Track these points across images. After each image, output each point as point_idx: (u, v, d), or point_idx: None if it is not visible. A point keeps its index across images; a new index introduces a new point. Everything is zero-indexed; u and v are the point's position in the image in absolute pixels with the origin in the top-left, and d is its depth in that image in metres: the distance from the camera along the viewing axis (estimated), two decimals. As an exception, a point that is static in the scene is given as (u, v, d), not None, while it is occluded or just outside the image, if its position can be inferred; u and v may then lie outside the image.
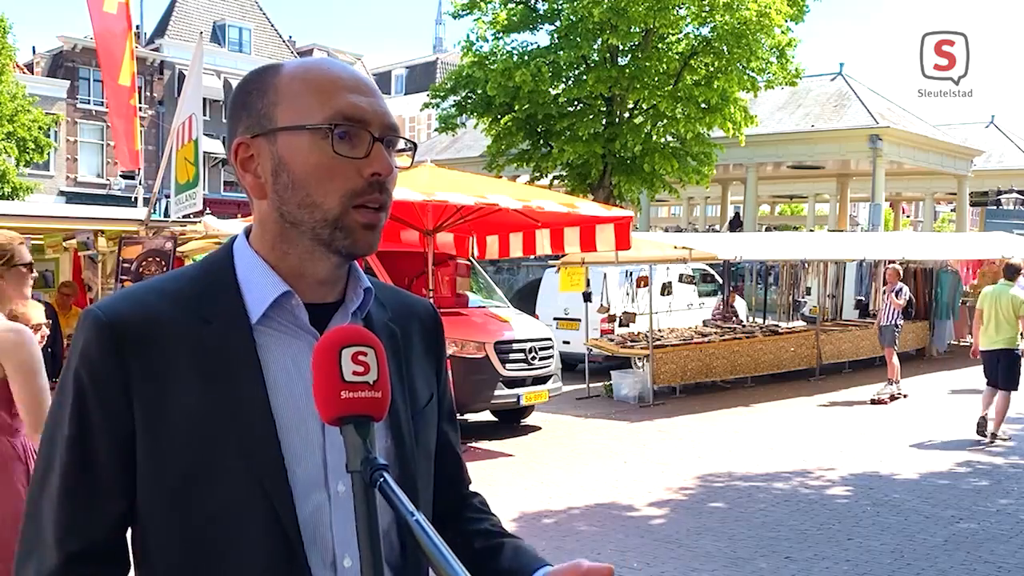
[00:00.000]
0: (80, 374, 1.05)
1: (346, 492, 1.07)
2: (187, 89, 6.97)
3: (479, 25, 20.18)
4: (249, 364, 1.06)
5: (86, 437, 1.05)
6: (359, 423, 0.93)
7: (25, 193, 26.26)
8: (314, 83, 1.09)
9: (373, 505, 0.90)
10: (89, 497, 1.05)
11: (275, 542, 1.04)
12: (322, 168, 1.06)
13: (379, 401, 0.94)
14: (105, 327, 1.05)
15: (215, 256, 1.16)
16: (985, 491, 7.07)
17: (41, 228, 7.82)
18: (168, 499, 1.05)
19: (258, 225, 1.13)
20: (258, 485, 1.04)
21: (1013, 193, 26.32)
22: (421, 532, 0.88)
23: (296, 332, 1.11)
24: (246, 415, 1.05)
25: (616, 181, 20.22)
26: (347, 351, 0.94)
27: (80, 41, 34.30)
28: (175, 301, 1.08)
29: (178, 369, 1.05)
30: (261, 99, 1.10)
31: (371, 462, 0.91)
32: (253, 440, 1.04)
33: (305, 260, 1.11)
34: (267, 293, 1.09)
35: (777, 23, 18.65)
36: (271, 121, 1.09)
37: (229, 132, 1.14)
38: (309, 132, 1.07)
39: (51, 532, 1.04)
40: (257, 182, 1.10)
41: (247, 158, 1.11)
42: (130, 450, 1.05)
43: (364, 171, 1.07)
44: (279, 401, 1.07)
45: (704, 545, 5.73)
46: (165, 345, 1.05)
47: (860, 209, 40.62)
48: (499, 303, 10.86)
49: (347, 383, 0.93)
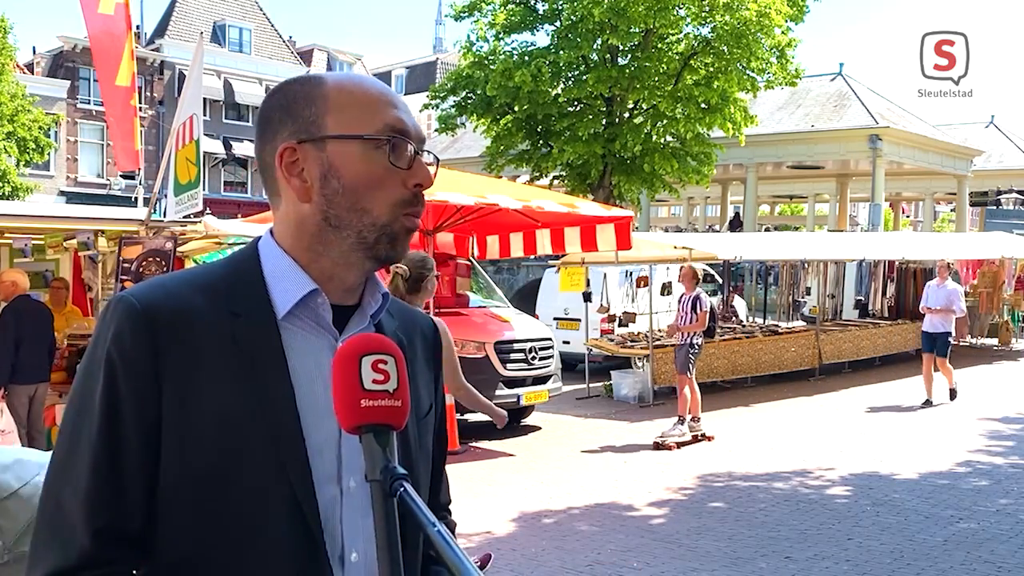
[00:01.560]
0: (112, 358, 1.06)
1: (357, 488, 1.10)
2: (187, 89, 6.97)
3: (479, 25, 20.19)
4: (276, 358, 1.09)
5: (116, 420, 1.06)
6: (378, 432, 0.94)
7: (25, 193, 26.25)
8: (363, 96, 1.14)
9: (392, 514, 0.91)
10: (118, 479, 1.06)
11: (297, 532, 1.06)
12: (374, 177, 1.12)
13: (399, 410, 0.96)
14: (140, 314, 1.07)
15: (242, 253, 1.19)
16: (985, 491, 7.07)
17: (41, 228, 7.81)
18: (192, 487, 1.06)
19: (294, 226, 1.15)
20: (284, 475, 1.06)
21: (1013, 193, 26.34)
22: (443, 542, 0.88)
23: (318, 331, 1.14)
24: (274, 407, 1.07)
25: (616, 181, 20.23)
26: (367, 359, 0.95)
27: (80, 41, 34.25)
28: (206, 293, 1.11)
29: (208, 360, 1.07)
30: (309, 107, 1.14)
31: (391, 471, 0.92)
32: (281, 431, 1.07)
33: (339, 264, 1.15)
34: (295, 290, 1.12)
35: (777, 23, 18.66)
36: (320, 129, 1.12)
37: (266, 136, 1.16)
38: (363, 142, 1.12)
39: (78, 514, 1.05)
40: (304, 186, 1.13)
41: (292, 162, 1.14)
42: (157, 437, 1.06)
43: (408, 182, 1.13)
44: (302, 396, 1.09)
45: (704, 545, 5.73)
46: (196, 335, 1.08)
47: (860, 209, 40.63)
48: (499, 303, 10.87)
49: (367, 391, 0.94)
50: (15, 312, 6.89)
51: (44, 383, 7.02)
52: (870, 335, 14.67)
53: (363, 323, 1.17)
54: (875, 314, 16.37)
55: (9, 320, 6.83)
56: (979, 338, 17.92)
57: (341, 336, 1.14)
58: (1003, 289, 17.58)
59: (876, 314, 16.35)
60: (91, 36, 8.70)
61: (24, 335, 6.82)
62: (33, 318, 7.00)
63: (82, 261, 8.34)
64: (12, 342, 6.73)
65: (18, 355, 6.78)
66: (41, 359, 7.01)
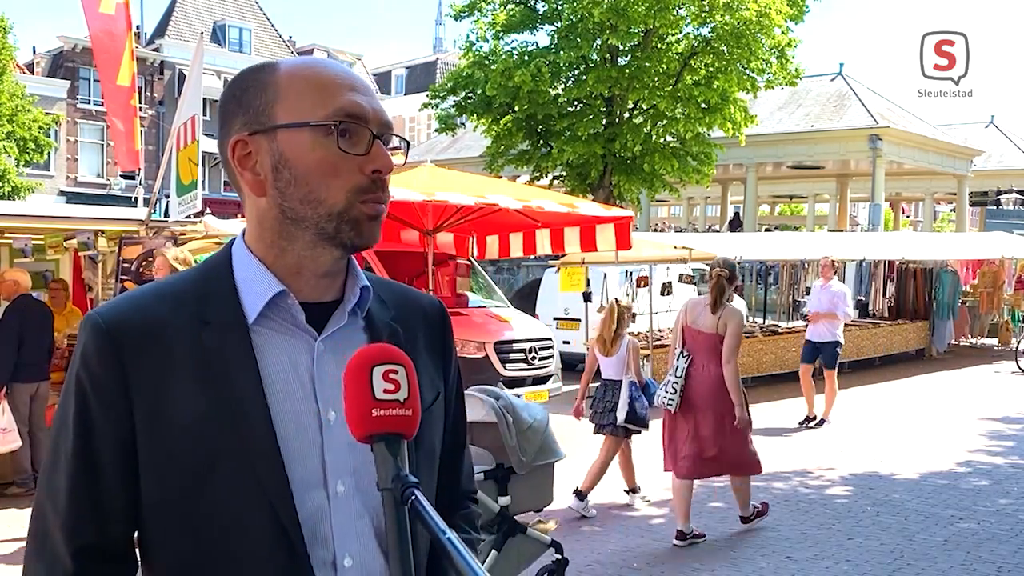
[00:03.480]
0: (81, 378, 1.06)
1: (345, 492, 1.08)
2: (188, 90, 6.97)
3: (479, 25, 20.18)
4: (246, 365, 1.07)
5: (89, 438, 1.05)
6: (390, 440, 0.94)
7: (25, 193, 26.27)
8: (315, 81, 1.09)
9: (404, 522, 0.91)
10: (94, 497, 1.05)
11: (276, 541, 1.04)
12: (326, 164, 1.07)
13: (410, 419, 0.96)
14: (103, 333, 1.06)
15: (215, 259, 1.16)
16: (985, 491, 7.07)
17: (41, 228, 7.82)
18: (170, 499, 1.05)
19: (256, 223, 1.13)
20: (257, 484, 1.04)
21: (1013, 193, 26.34)
22: (454, 551, 0.88)
23: (293, 332, 1.11)
24: (244, 415, 1.05)
25: (616, 181, 20.21)
26: (378, 369, 0.95)
27: (80, 41, 34.26)
28: (174, 303, 1.09)
29: (177, 370, 1.05)
30: (259, 96, 1.10)
31: (403, 480, 0.92)
32: (252, 440, 1.04)
33: (305, 256, 1.11)
34: (262, 293, 1.09)
35: (777, 23, 18.65)
36: (270, 118, 1.09)
37: (222, 130, 1.13)
38: (312, 129, 1.07)
39: (58, 533, 1.05)
40: (256, 179, 1.10)
41: (244, 155, 1.10)
42: (132, 451, 1.05)
43: (366, 168, 1.08)
44: (277, 401, 1.07)
45: (704, 545, 5.73)
46: (164, 347, 1.06)
47: (860, 209, 40.60)
48: (499, 303, 10.86)
49: (378, 401, 0.94)
50: (17, 311, 6.89)
51: (45, 382, 7.03)
52: (870, 335, 14.66)
53: (342, 320, 1.13)
54: (875, 314, 16.36)
55: (12, 319, 6.83)
56: (979, 338, 17.95)
57: (321, 335, 1.11)
58: (1003, 289, 17.59)
59: (876, 314, 16.35)
60: (92, 36, 8.71)
61: (26, 334, 6.82)
62: (35, 317, 7.00)
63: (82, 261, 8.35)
64: (15, 341, 6.73)
65: (20, 354, 6.79)
66: (42, 358, 7.02)
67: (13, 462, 6.83)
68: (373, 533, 1.10)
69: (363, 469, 1.09)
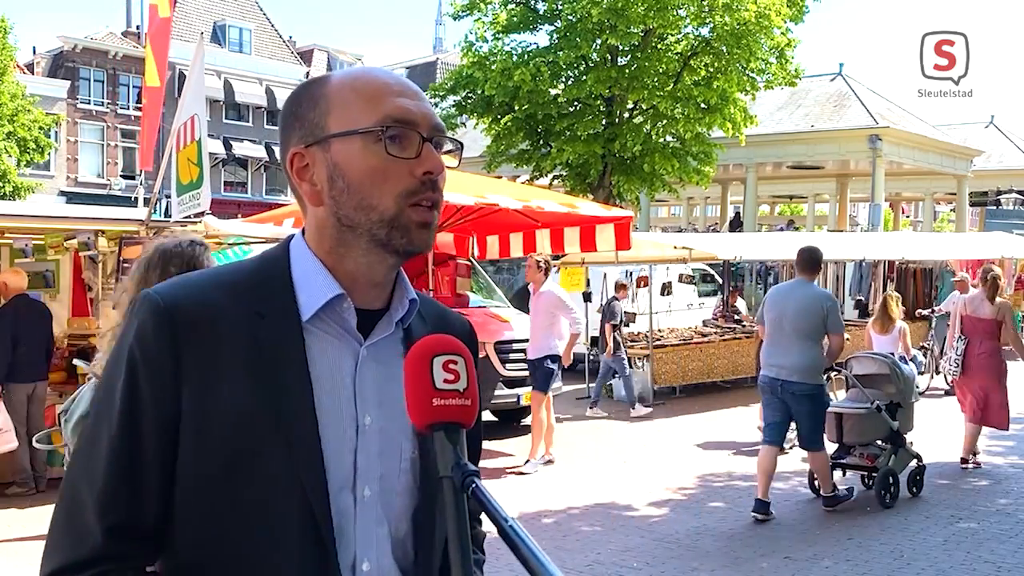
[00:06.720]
0: (134, 355, 1.07)
1: (371, 497, 1.10)
2: (188, 90, 6.97)
3: (479, 25, 20.18)
4: (298, 361, 1.09)
5: (135, 416, 1.06)
6: (449, 429, 0.96)
7: (26, 193, 26.26)
8: (362, 90, 1.13)
9: (463, 510, 0.92)
10: (134, 476, 1.06)
11: (308, 536, 1.06)
12: (376, 170, 1.10)
13: (469, 408, 0.97)
14: (162, 311, 1.07)
15: (272, 253, 1.18)
16: (985, 491, 7.07)
17: (42, 228, 7.82)
18: (206, 485, 1.06)
19: (315, 231, 1.16)
20: (296, 478, 1.06)
21: (1013, 193, 26.35)
22: (516, 537, 0.89)
23: (342, 335, 1.13)
24: (292, 410, 1.07)
25: (616, 181, 20.21)
26: (439, 359, 0.97)
27: (80, 41, 34.31)
28: (231, 292, 1.11)
29: (229, 359, 1.07)
30: (312, 110, 1.14)
31: (462, 467, 0.93)
32: (297, 435, 1.06)
33: (362, 263, 1.14)
34: (321, 293, 1.12)
35: (776, 24, 18.66)
36: (323, 130, 1.12)
37: (283, 145, 1.18)
38: (361, 136, 1.10)
39: (93, 509, 1.05)
40: (314, 190, 1.14)
41: (302, 167, 1.14)
42: (175, 433, 1.06)
43: (416, 171, 1.11)
44: (321, 400, 1.09)
45: (704, 545, 5.73)
46: (218, 334, 1.08)
47: (860, 209, 40.60)
48: (499, 303, 10.86)
49: (439, 391, 0.96)
50: (12, 311, 6.90)
51: (43, 382, 7.03)
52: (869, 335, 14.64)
53: (389, 329, 1.16)
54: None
55: (6, 319, 6.83)
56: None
57: (366, 342, 1.13)
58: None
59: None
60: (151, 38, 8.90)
61: (22, 334, 6.83)
62: (31, 317, 7.01)
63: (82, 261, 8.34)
64: (9, 341, 6.74)
65: (16, 354, 6.79)
66: (39, 358, 7.02)
67: (12, 462, 6.83)
68: (390, 541, 1.12)
69: (389, 476, 1.12)
